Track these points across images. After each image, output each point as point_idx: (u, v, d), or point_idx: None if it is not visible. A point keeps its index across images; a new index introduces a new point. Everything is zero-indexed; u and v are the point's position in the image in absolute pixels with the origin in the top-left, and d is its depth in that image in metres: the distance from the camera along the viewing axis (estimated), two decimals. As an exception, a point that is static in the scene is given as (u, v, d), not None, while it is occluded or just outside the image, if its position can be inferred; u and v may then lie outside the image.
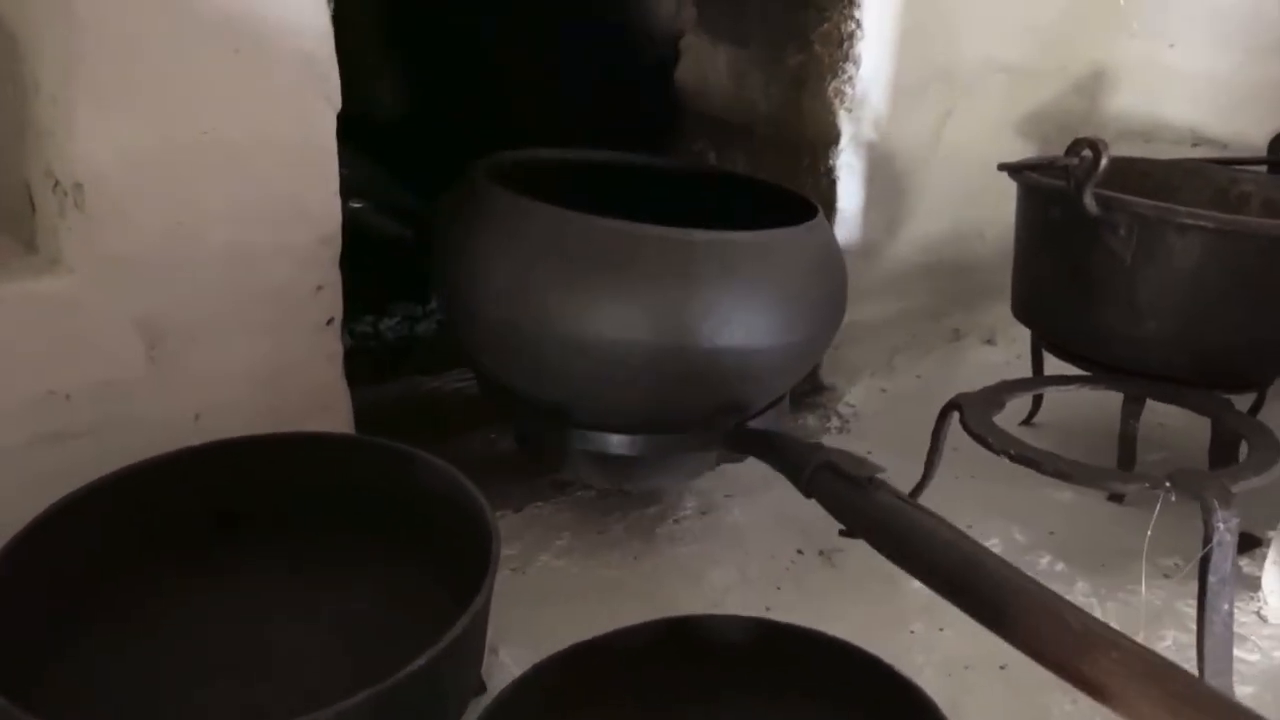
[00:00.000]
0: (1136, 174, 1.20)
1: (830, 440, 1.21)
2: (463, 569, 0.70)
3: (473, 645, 0.65)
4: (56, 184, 0.74)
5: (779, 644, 0.69)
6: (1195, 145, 1.34)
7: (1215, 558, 0.72)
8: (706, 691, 0.69)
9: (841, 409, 1.29)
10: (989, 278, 1.42)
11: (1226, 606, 0.73)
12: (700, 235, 0.84)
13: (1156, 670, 0.56)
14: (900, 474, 0.91)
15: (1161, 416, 1.14)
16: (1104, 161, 0.93)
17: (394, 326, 1.45)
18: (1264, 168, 1.18)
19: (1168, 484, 0.75)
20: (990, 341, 1.47)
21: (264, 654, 0.70)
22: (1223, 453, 0.94)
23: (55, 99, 0.71)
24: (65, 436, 0.77)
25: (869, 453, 1.16)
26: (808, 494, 0.84)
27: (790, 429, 0.98)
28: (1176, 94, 1.34)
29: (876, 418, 1.28)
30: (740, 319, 0.84)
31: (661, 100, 1.43)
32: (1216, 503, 0.72)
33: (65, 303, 0.75)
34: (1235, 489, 0.74)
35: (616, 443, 0.92)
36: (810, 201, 0.99)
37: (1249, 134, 1.21)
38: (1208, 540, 0.72)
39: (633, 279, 0.82)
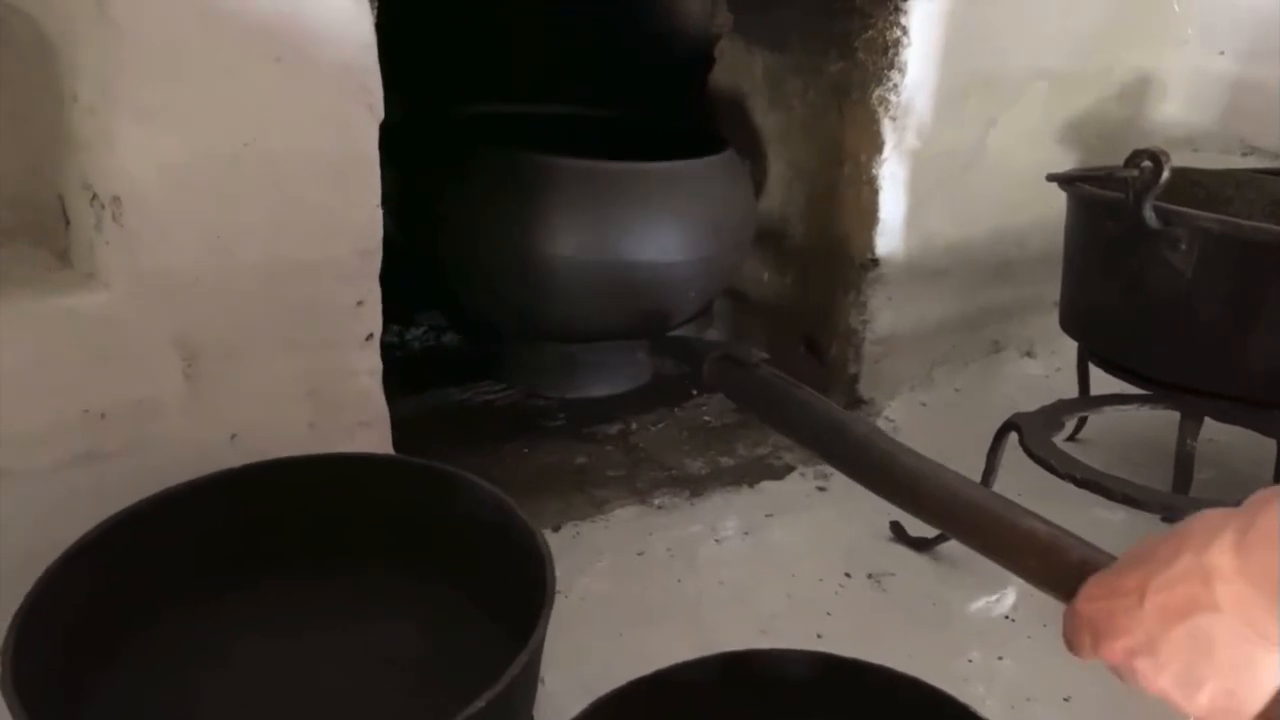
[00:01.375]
0: (1187, 184, 1.16)
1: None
2: (510, 597, 0.67)
3: (528, 682, 0.63)
4: (94, 197, 0.72)
5: (842, 679, 0.66)
6: (1245, 155, 1.31)
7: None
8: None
9: (881, 424, 1.26)
10: (1029, 288, 1.39)
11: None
12: (615, 165, 1.00)
13: (960, 489, 0.69)
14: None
15: (1211, 432, 1.10)
16: (1165, 173, 0.90)
17: (420, 337, 1.43)
18: (1320, 179, 1.15)
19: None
20: (1030, 354, 1.44)
21: (305, 687, 0.68)
22: (1289, 475, 0.91)
23: (94, 110, 0.69)
24: (99, 457, 0.75)
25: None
26: (710, 382, 0.99)
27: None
28: (1226, 102, 1.31)
29: (917, 432, 1.24)
30: (651, 237, 1.01)
31: (695, 105, 1.40)
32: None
33: (101, 320, 0.73)
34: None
35: (559, 351, 1.10)
36: (724, 139, 1.15)
37: (1303, 144, 1.18)
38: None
39: (557, 204, 0.98)
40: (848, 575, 0.95)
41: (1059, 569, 0.57)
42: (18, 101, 0.76)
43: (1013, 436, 0.92)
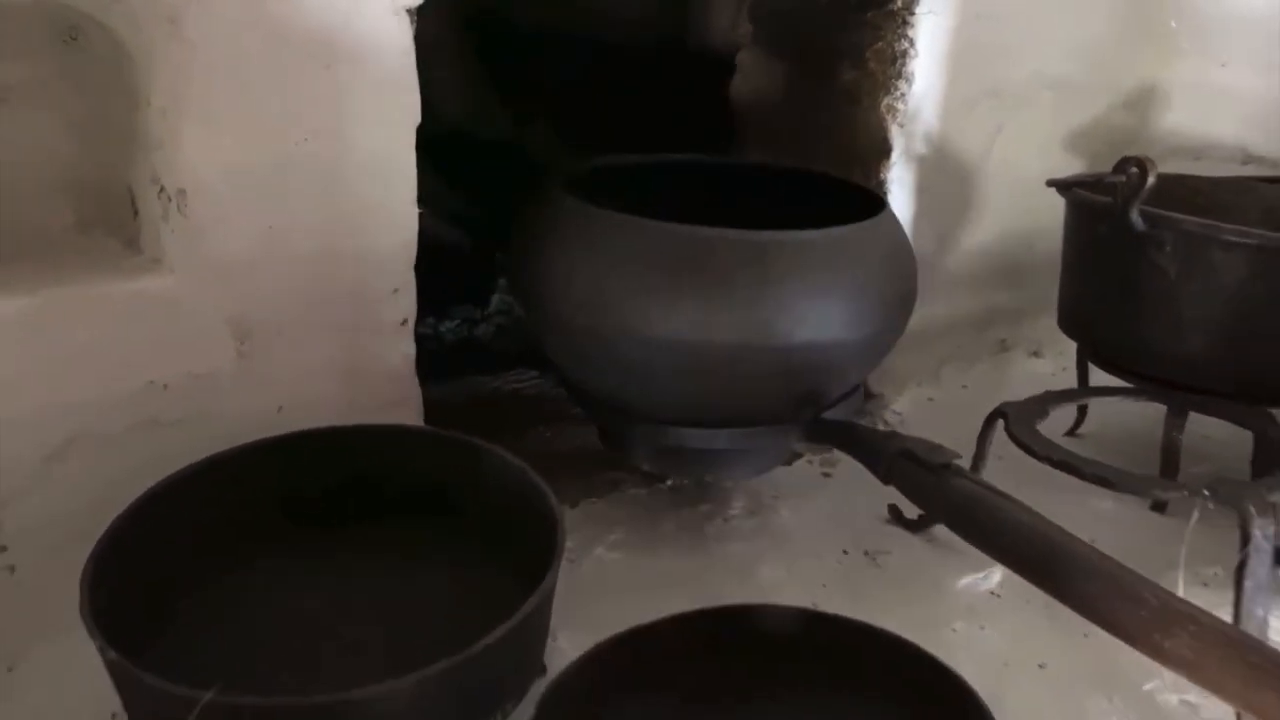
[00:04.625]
0: (1187, 191, 1.21)
1: (876, 446, 1.24)
2: (528, 558, 0.74)
3: (540, 623, 0.70)
4: (162, 190, 0.80)
5: (826, 634, 0.73)
6: (1245, 163, 1.35)
7: (1252, 563, 0.75)
8: (756, 676, 0.73)
9: (889, 416, 1.32)
10: (1036, 291, 1.44)
11: (1261, 612, 0.75)
12: (769, 236, 0.86)
13: (1234, 642, 0.60)
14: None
15: (1206, 429, 1.15)
16: (1151, 179, 0.96)
17: (453, 329, 1.51)
18: (1314, 186, 1.20)
19: (1206, 492, 0.78)
20: (1037, 354, 1.49)
21: (344, 628, 0.75)
22: (1265, 465, 0.96)
23: (165, 112, 0.77)
24: (161, 424, 0.83)
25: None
26: (886, 481, 0.88)
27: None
28: (1227, 112, 1.36)
29: (922, 425, 1.30)
30: (813, 315, 0.87)
31: (718, 114, 1.47)
32: (1254, 510, 0.75)
33: (166, 301, 0.81)
34: (1273, 499, 0.76)
35: (698, 437, 0.95)
36: (878, 196, 1.02)
37: (1299, 153, 1.23)
38: (1245, 547, 0.75)
39: (706, 281, 0.85)
40: (845, 553, 1.02)
41: None
42: (96, 105, 0.85)
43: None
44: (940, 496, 0.81)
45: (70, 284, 0.79)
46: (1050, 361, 1.48)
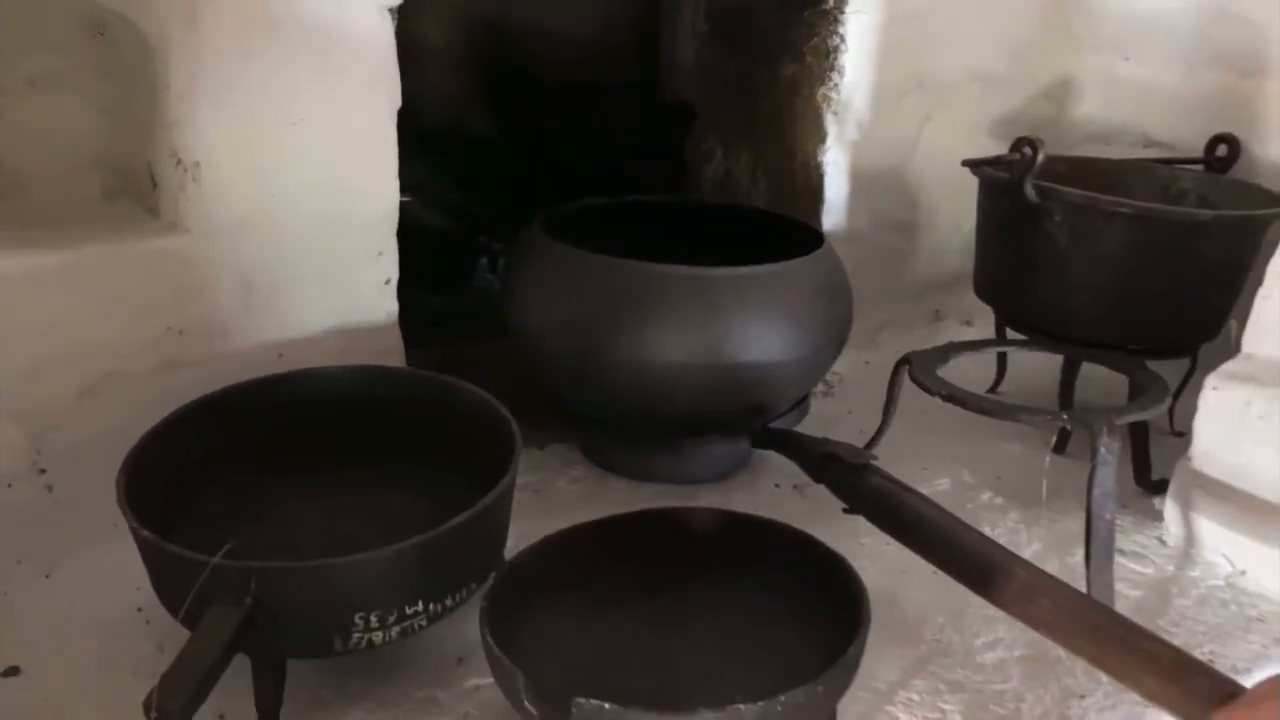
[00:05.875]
0: (1095, 172, 1.35)
1: (817, 402, 1.37)
2: (494, 477, 0.86)
3: (499, 517, 0.83)
4: (178, 162, 0.94)
5: (737, 528, 0.87)
6: (1146, 147, 1.49)
7: (1099, 475, 0.89)
8: (684, 564, 0.86)
9: (829, 377, 1.45)
10: (966, 265, 1.58)
11: (1108, 516, 0.89)
12: (717, 271, 1.01)
13: (1082, 608, 0.73)
14: (874, 428, 1.12)
15: (1117, 387, 1.29)
16: (1040, 157, 1.10)
17: (438, 301, 1.64)
18: (1201, 167, 1.34)
19: (1065, 416, 0.91)
20: (969, 323, 1.62)
21: (330, 533, 0.87)
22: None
23: (181, 95, 0.91)
24: (179, 365, 0.97)
25: (849, 412, 1.34)
26: (817, 479, 1.00)
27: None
28: (1131, 102, 1.50)
29: (859, 385, 1.44)
30: (755, 339, 1.01)
31: (680, 104, 1.61)
32: (1104, 429, 0.89)
33: (182, 258, 0.95)
34: (1119, 421, 0.90)
35: (661, 446, 1.12)
36: (818, 233, 1.17)
37: (1190, 137, 1.36)
38: (1093, 460, 0.89)
39: (664, 311, 1.00)
40: (776, 486, 1.15)
41: (1183, 693, 0.61)
42: (120, 90, 0.98)
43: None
44: (861, 492, 0.93)
45: (102, 243, 0.93)
46: (981, 330, 1.61)
